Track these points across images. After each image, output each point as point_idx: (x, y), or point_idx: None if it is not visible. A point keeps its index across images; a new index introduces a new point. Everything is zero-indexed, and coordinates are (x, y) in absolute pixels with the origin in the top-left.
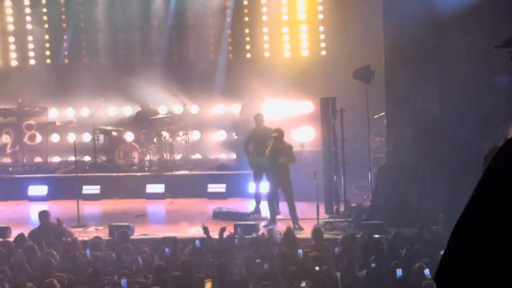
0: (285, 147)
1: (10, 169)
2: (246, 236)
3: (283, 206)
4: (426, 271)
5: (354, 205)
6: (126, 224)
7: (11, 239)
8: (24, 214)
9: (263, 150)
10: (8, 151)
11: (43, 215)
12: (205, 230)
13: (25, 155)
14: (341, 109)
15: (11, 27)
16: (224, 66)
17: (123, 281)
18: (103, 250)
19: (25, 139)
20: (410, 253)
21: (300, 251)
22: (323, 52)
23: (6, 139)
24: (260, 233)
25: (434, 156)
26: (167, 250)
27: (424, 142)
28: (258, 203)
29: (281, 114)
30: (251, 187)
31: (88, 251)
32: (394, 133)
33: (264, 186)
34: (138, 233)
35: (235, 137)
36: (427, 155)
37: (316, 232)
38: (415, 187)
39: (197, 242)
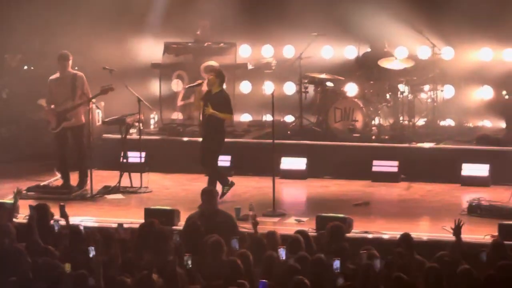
0: None
1: (180, 129)
2: None
3: None
4: None
5: None
6: (341, 215)
7: (179, 227)
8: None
9: None
10: (179, 103)
11: (206, 195)
12: (456, 230)
13: None
14: None
15: None
16: None
17: None
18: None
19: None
20: None
21: None
22: None
23: (177, 85)
24: None
25: None
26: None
27: None
28: None
29: None
30: None
31: (281, 250)
32: None
33: None
34: (357, 228)
35: (506, 96)
36: None
37: None
38: None
39: None
